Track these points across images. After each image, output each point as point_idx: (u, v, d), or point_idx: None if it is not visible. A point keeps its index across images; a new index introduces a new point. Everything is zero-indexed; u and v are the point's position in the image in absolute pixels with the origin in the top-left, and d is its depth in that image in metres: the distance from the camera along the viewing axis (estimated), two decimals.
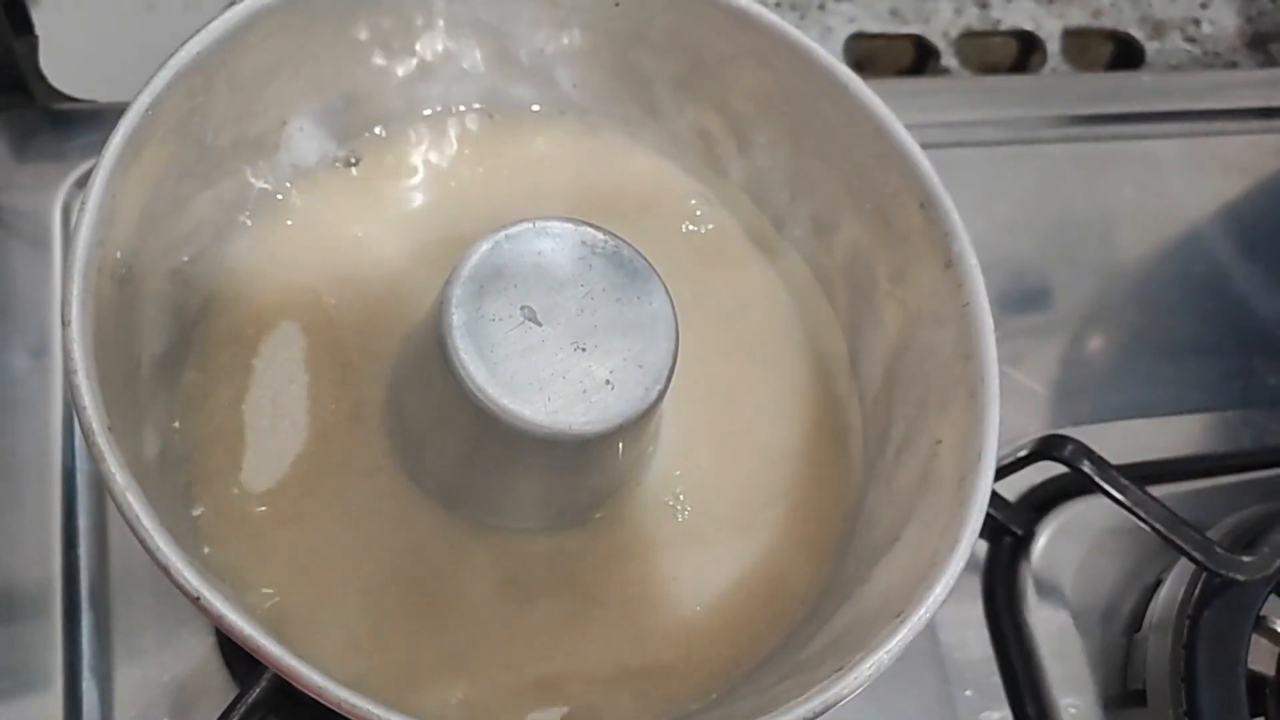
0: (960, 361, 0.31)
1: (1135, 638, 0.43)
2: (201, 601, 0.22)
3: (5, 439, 0.38)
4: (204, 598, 0.22)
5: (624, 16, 0.35)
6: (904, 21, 0.58)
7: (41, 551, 0.37)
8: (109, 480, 0.23)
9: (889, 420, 0.34)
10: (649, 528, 0.32)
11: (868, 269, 0.35)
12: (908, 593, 0.27)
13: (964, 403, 0.30)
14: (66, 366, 0.24)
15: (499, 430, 0.26)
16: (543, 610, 0.31)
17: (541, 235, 0.28)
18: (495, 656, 0.30)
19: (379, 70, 0.35)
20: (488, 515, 0.31)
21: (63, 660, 0.35)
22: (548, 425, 0.26)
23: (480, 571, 0.30)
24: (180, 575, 0.22)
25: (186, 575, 0.22)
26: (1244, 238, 0.54)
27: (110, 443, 0.23)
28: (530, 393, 0.26)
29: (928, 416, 0.32)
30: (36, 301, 0.41)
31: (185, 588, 0.22)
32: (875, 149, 0.33)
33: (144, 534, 0.22)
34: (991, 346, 0.31)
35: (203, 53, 0.28)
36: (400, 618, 0.29)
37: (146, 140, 0.27)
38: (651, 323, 0.28)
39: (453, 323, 0.26)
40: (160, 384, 0.30)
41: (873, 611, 0.28)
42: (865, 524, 0.33)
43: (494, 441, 0.27)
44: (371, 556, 0.30)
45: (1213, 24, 0.62)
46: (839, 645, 0.28)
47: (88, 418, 0.24)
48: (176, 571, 0.22)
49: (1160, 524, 0.39)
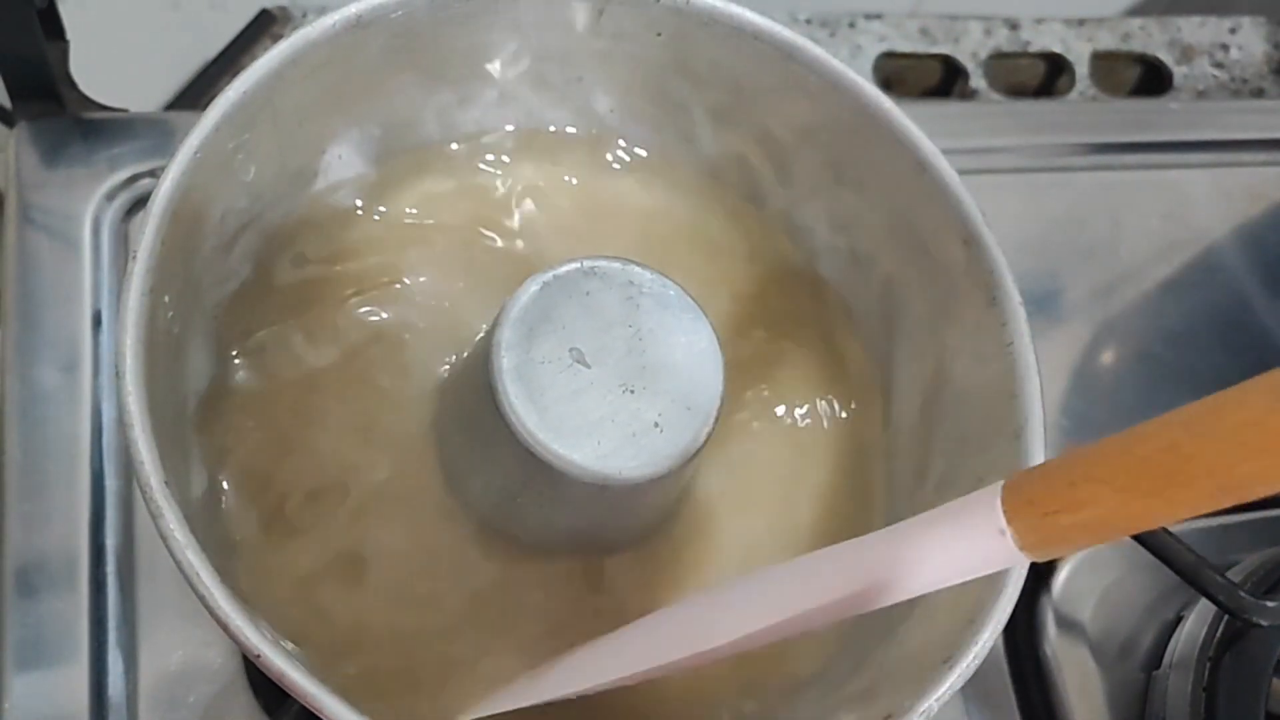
0: (1004, 401, 0.31)
1: (1155, 675, 0.43)
2: (262, 659, 0.22)
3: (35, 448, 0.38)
4: (264, 655, 0.22)
5: (665, 46, 0.35)
6: (934, 41, 0.58)
7: (69, 528, 0.37)
8: (168, 538, 0.23)
9: (927, 454, 0.34)
10: (685, 558, 0.32)
11: (905, 303, 0.35)
12: (954, 637, 0.27)
13: (1008, 443, 0.30)
14: (123, 420, 0.24)
15: (548, 473, 0.26)
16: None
17: (589, 275, 0.28)
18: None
19: (418, 98, 0.34)
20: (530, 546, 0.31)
21: (89, 634, 0.36)
22: (598, 470, 0.26)
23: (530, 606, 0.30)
24: (241, 634, 0.22)
25: (247, 634, 0.22)
26: (1269, 269, 0.54)
27: (168, 498, 0.23)
28: (580, 437, 0.26)
29: (969, 455, 0.32)
30: (67, 311, 0.40)
31: (246, 645, 0.22)
32: (918, 184, 0.33)
33: (204, 590, 0.22)
34: (1036, 387, 0.30)
35: (249, 91, 0.28)
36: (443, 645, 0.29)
37: (193, 183, 0.27)
38: (699, 363, 0.28)
39: (503, 366, 0.26)
40: (204, 421, 0.30)
41: (917, 650, 0.28)
42: None
43: (542, 482, 0.27)
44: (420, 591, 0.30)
45: (1241, 49, 0.62)
46: (888, 682, 0.28)
47: (145, 473, 0.23)
48: (237, 629, 0.22)
49: (1184, 567, 0.39)
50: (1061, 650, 0.43)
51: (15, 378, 0.39)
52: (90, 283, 0.41)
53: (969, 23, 0.59)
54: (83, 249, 0.42)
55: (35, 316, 0.40)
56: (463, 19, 0.33)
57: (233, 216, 0.30)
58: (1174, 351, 0.51)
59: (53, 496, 0.38)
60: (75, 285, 0.41)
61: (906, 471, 0.35)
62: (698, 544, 0.33)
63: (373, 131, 0.34)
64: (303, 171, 0.33)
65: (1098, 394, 0.49)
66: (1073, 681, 0.42)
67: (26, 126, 0.44)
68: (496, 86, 0.36)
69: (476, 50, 0.34)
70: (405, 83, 0.34)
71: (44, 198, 0.42)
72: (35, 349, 0.40)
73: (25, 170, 0.43)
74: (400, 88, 0.34)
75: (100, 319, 0.41)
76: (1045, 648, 0.43)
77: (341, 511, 0.30)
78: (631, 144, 0.37)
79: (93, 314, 0.41)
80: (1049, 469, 0.21)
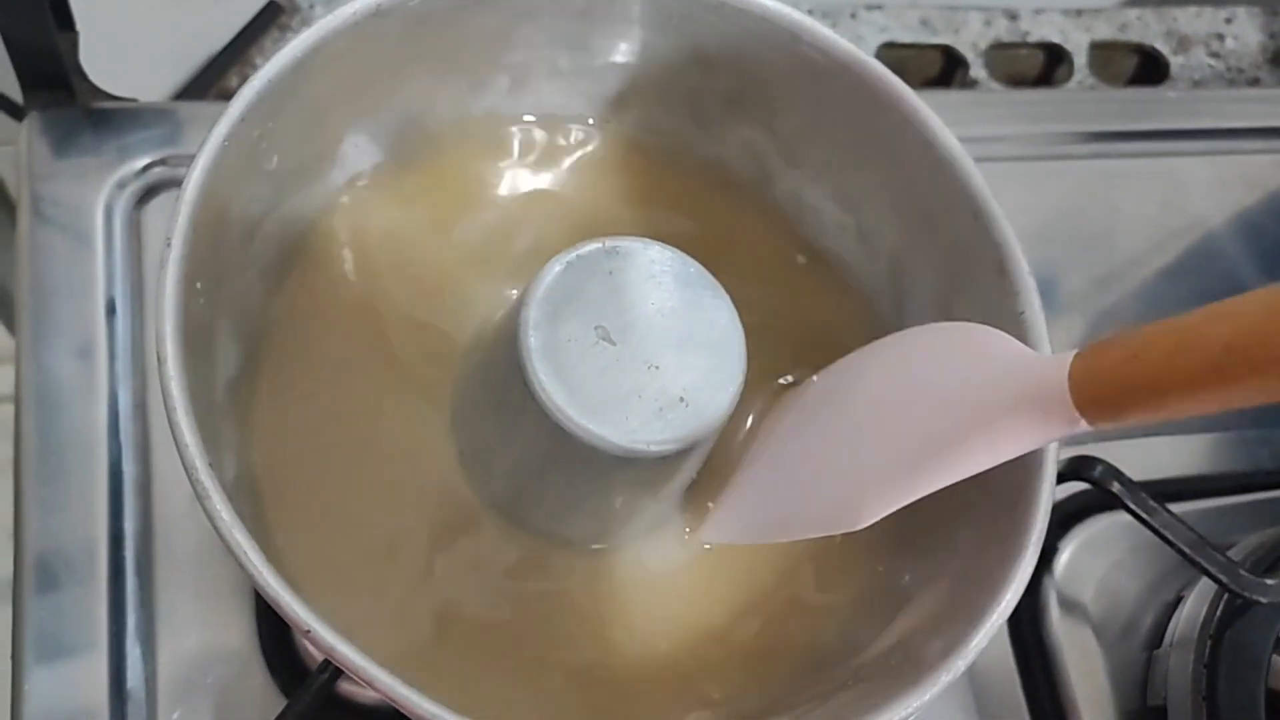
0: None
1: (1156, 654, 0.43)
2: (312, 634, 0.22)
3: (51, 436, 0.39)
4: (314, 630, 0.22)
5: (677, 31, 0.35)
6: (934, 32, 0.59)
7: (86, 513, 0.38)
8: (215, 518, 0.23)
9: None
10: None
11: (914, 277, 0.35)
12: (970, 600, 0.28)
13: None
14: (166, 405, 0.25)
15: (577, 448, 0.27)
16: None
17: (611, 255, 0.28)
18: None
19: (433, 86, 0.35)
20: (553, 525, 0.31)
21: (108, 616, 0.37)
22: (628, 445, 0.27)
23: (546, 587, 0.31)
24: (292, 609, 0.22)
25: (297, 609, 0.22)
26: (1266, 256, 0.54)
27: (214, 480, 0.24)
28: (608, 412, 0.27)
29: None
30: (81, 300, 0.41)
31: (296, 621, 0.22)
32: (926, 159, 0.34)
33: (253, 569, 0.23)
34: (1048, 353, 0.31)
35: (273, 79, 0.29)
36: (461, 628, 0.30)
37: (221, 172, 0.28)
38: (722, 339, 0.28)
39: (531, 345, 0.27)
40: (232, 407, 0.30)
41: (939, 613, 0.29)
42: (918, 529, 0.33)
43: (570, 458, 0.27)
44: (434, 568, 0.30)
45: (1236, 39, 0.63)
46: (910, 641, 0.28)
47: (190, 456, 0.24)
48: (288, 606, 0.22)
49: (1186, 546, 0.40)
50: (1064, 631, 0.43)
51: (31, 366, 0.39)
52: (103, 271, 0.41)
53: (969, 13, 0.59)
54: (95, 238, 0.42)
55: (49, 305, 0.40)
56: (476, 5, 0.33)
57: (256, 204, 0.31)
58: None
59: (70, 483, 0.38)
60: (88, 274, 0.41)
61: None
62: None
63: (388, 119, 0.34)
64: (321, 159, 0.33)
65: None
66: (1075, 661, 0.43)
67: (37, 117, 0.44)
68: (509, 74, 0.36)
69: (489, 37, 0.35)
70: (420, 70, 0.34)
71: (55, 188, 0.43)
72: (50, 338, 0.40)
73: (36, 161, 0.43)
74: (415, 75, 0.34)
75: (114, 307, 0.41)
76: (1048, 628, 0.43)
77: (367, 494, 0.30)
78: (641, 129, 0.38)
79: (106, 302, 0.41)
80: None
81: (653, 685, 0.31)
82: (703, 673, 0.31)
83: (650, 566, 0.32)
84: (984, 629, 0.27)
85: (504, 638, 0.31)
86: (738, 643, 0.32)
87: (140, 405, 0.40)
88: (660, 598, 0.32)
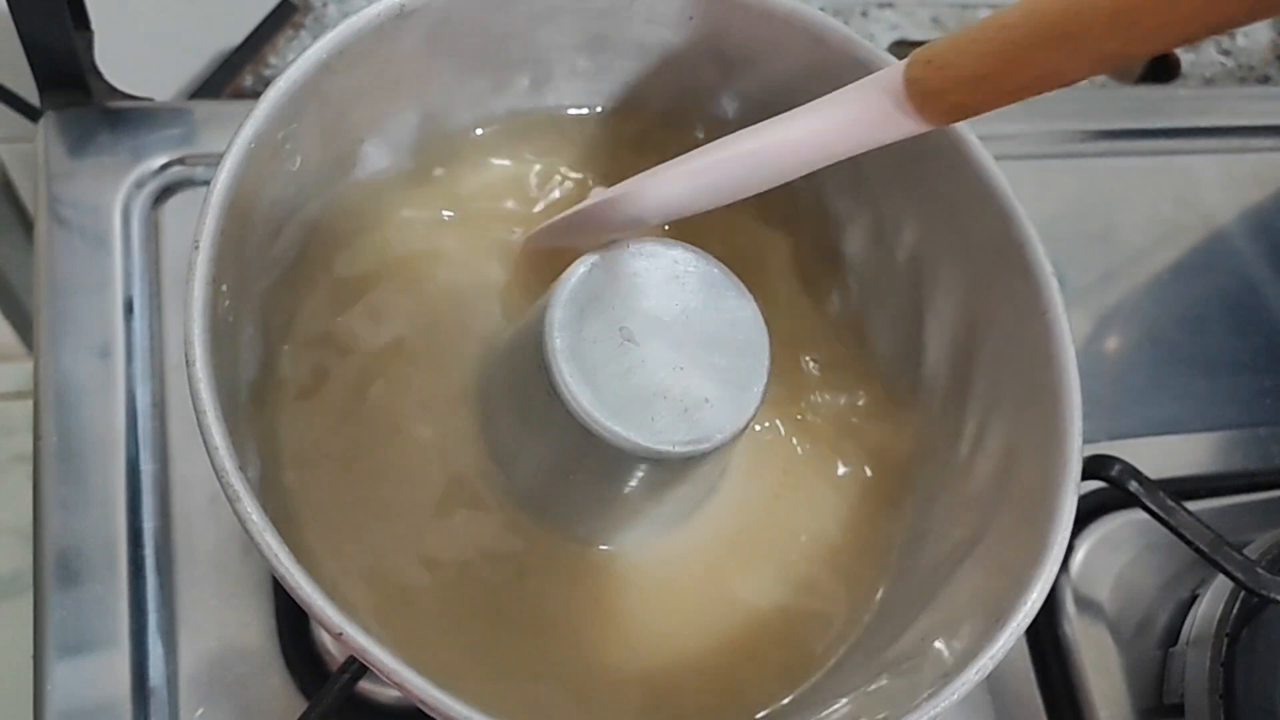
0: (1037, 368, 0.31)
1: (1172, 651, 0.43)
2: (345, 637, 0.22)
3: (70, 435, 0.39)
4: (346, 633, 0.22)
5: (697, 32, 0.35)
6: (945, 29, 0.59)
7: (106, 512, 0.38)
8: (245, 520, 0.23)
9: (961, 422, 0.34)
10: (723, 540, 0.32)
11: (933, 272, 0.36)
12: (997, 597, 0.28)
13: (1043, 407, 0.31)
14: (195, 407, 0.24)
15: (603, 449, 0.27)
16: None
17: (636, 256, 0.28)
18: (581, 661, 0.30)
19: (454, 87, 0.35)
20: (577, 525, 0.31)
21: (128, 615, 0.37)
22: (654, 446, 0.27)
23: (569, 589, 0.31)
24: (324, 613, 0.22)
25: (329, 612, 0.22)
26: (1276, 253, 0.55)
27: (243, 482, 0.24)
28: (634, 413, 0.27)
29: (1004, 420, 0.33)
30: (99, 299, 0.41)
31: (328, 624, 0.22)
32: (947, 158, 0.34)
33: (284, 571, 0.23)
34: (1071, 351, 0.31)
35: (298, 80, 0.29)
36: (487, 625, 0.30)
37: (246, 173, 0.28)
38: (746, 340, 0.28)
39: (556, 347, 0.27)
40: (255, 408, 0.30)
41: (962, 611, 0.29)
42: (937, 531, 0.33)
43: (596, 459, 0.28)
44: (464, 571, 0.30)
45: (1247, 37, 0.63)
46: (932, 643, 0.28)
47: (220, 458, 0.24)
48: (320, 609, 0.22)
49: (1204, 545, 0.40)
50: (1080, 628, 0.43)
51: (49, 365, 0.40)
52: (121, 270, 0.42)
53: (980, 11, 0.59)
54: (113, 237, 0.42)
55: (67, 305, 0.40)
56: (499, 7, 0.33)
57: (279, 206, 0.31)
58: (1183, 334, 0.52)
59: (89, 482, 0.38)
60: (106, 273, 0.41)
61: (940, 444, 0.35)
62: (735, 530, 0.33)
63: (409, 120, 0.34)
64: (343, 161, 0.33)
65: (1108, 376, 0.50)
66: (1091, 659, 0.43)
67: (53, 117, 0.44)
68: (529, 74, 0.36)
69: (511, 38, 0.35)
70: (441, 70, 0.34)
71: (72, 187, 0.43)
72: (68, 337, 0.40)
73: (53, 161, 0.43)
74: (437, 76, 0.34)
75: (132, 306, 0.41)
76: (1064, 627, 0.43)
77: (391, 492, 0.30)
78: (661, 129, 0.38)
79: (124, 301, 0.41)
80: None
81: (663, 688, 0.31)
82: (713, 674, 0.32)
83: (660, 566, 0.32)
84: (1008, 632, 0.27)
85: (519, 638, 0.31)
86: (751, 646, 0.32)
87: (158, 404, 0.40)
88: (671, 599, 0.32)
